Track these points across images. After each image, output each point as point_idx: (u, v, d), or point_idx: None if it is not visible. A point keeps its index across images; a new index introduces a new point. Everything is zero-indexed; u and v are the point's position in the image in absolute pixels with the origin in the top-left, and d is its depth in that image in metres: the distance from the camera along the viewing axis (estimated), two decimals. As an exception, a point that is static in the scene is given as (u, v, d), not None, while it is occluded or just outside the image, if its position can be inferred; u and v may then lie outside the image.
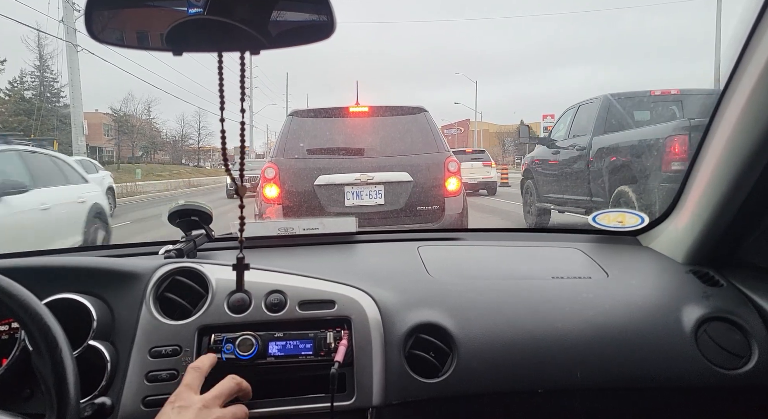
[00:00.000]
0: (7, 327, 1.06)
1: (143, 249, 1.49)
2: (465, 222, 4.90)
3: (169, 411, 0.83)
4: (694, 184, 1.28)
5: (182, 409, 0.82)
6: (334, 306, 1.10)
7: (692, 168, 1.28)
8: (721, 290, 1.22)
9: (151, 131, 45.34)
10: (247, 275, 0.85)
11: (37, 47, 34.17)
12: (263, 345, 1.05)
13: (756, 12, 1.01)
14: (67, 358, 0.79)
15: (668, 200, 1.42)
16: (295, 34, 0.71)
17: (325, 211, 4.57)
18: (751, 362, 1.10)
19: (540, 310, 1.16)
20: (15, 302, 0.80)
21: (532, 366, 1.09)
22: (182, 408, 0.83)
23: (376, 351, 1.06)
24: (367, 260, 1.49)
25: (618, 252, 1.48)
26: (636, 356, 1.10)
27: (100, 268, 1.13)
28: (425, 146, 4.81)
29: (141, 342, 1.04)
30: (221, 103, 0.73)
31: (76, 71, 17.34)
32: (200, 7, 0.66)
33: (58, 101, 34.57)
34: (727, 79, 1.10)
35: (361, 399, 1.03)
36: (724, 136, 1.14)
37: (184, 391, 0.86)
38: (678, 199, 1.37)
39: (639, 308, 1.17)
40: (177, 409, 0.82)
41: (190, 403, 0.84)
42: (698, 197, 1.26)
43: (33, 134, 20.69)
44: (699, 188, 1.26)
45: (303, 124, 4.93)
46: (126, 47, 0.73)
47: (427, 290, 1.22)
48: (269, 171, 4.64)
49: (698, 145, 1.25)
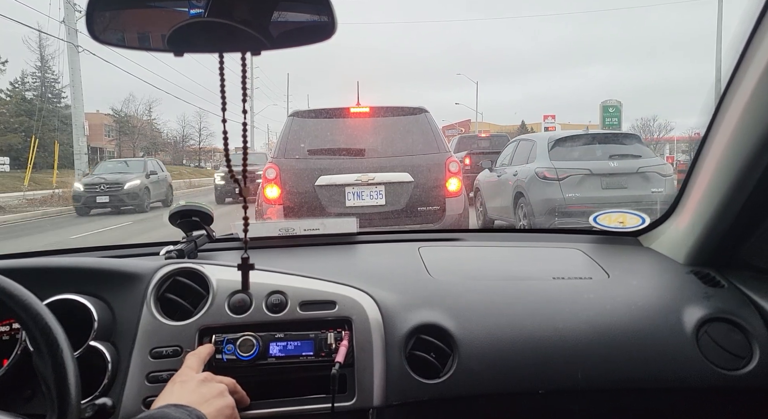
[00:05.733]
0: (8, 328, 1.06)
1: (144, 250, 1.49)
2: (466, 223, 4.90)
3: (171, 386, 0.90)
4: (695, 184, 1.28)
5: (184, 383, 0.90)
6: (334, 307, 1.10)
7: (693, 169, 1.28)
8: (722, 290, 1.22)
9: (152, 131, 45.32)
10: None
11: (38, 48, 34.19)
12: (264, 346, 1.05)
13: (757, 12, 1.00)
14: (68, 359, 0.79)
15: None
16: (296, 35, 0.71)
17: (326, 211, 4.57)
18: (752, 363, 1.09)
19: (541, 311, 1.16)
20: (16, 302, 0.80)
21: (533, 366, 1.09)
22: (184, 382, 0.90)
23: (377, 352, 1.06)
24: (368, 261, 1.49)
25: (619, 253, 1.48)
26: (637, 356, 1.10)
27: (101, 269, 1.13)
28: (426, 147, 4.81)
29: (142, 342, 1.04)
30: (223, 104, 0.73)
31: (78, 72, 17.35)
32: (201, 8, 0.66)
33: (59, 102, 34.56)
34: (729, 80, 1.10)
35: (361, 399, 1.03)
36: (725, 136, 1.13)
37: (186, 370, 0.94)
38: (679, 199, 1.37)
39: (640, 309, 1.17)
40: (179, 383, 0.90)
41: (191, 378, 0.91)
42: (699, 197, 1.26)
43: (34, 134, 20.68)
44: (700, 189, 1.26)
45: (304, 124, 4.93)
46: (127, 48, 0.73)
47: (428, 290, 1.22)
48: (270, 172, 4.64)
49: (699, 145, 1.25)
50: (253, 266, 0.86)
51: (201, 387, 0.89)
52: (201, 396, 0.87)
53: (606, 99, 22.65)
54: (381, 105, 5.00)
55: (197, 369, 0.95)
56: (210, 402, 0.87)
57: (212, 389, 0.90)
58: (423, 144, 4.82)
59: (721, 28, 17.93)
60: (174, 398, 0.85)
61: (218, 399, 0.89)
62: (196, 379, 0.91)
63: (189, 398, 0.85)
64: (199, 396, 0.86)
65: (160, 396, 0.88)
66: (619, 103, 22.69)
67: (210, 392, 0.89)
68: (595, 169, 6.65)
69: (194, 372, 0.94)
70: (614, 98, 22.79)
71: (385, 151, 4.82)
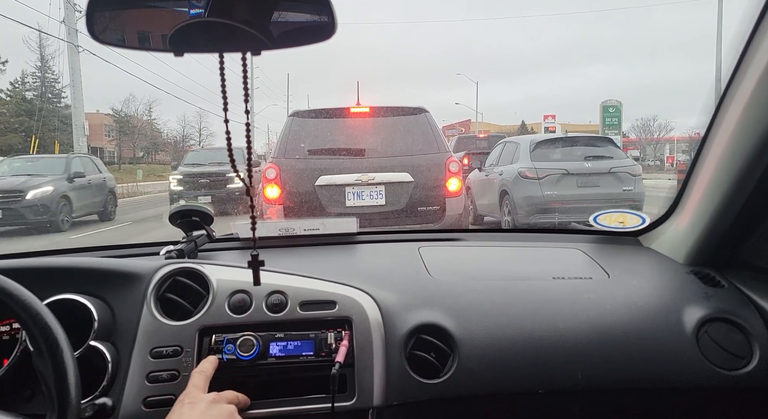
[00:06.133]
0: (8, 328, 1.06)
1: (144, 250, 1.49)
2: (466, 223, 4.90)
3: (180, 407, 0.88)
4: (696, 184, 1.28)
5: (193, 404, 0.88)
6: (335, 307, 1.10)
7: (693, 168, 1.28)
8: (722, 290, 1.22)
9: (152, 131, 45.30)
10: (247, 275, 0.85)
11: (38, 48, 34.21)
12: (264, 346, 1.05)
13: (757, 12, 1.00)
14: (68, 359, 0.79)
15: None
16: (296, 35, 0.71)
17: (326, 211, 4.57)
18: (752, 363, 1.09)
19: (541, 311, 1.16)
20: (16, 302, 0.80)
21: (533, 366, 1.09)
22: (192, 403, 0.88)
23: (377, 352, 1.06)
24: (368, 261, 1.49)
25: (619, 253, 1.48)
26: (637, 356, 1.10)
27: (101, 269, 1.13)
28: (426, 147, 4.81)
29: (142, 342, 1.04)
30: (224, 104, 0.73)
31: (78, 72, 17.34)
32: (201, 8, 0.66)
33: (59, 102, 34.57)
34: (729, 80, 1.10)
35: (361, 399, 1.03)
36: (725, 136, 1.13)
37: (193, 390, 0.92)
38: (679, 199, 1.37)
39: (640, 309, 1.17)
40: (188, 405, 0.88)
41: (199, 399, 0.89)
42: (699, 197, 1.26)
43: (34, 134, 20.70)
44: (700, 189, 1.26)
45: (304, 124, 4.94)
46: (127, 48, 0.73)
47: (428, 290, 1.22)
48: (270, 172, 4.65)
49: (699, 145, 1.25)
50: (263, 262, 0.87)
51: (210, 409, 0.87)
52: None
53: (606, 99, 22.65)
54: (381, 105, 5.00)
55: (204, 387, 0.93)
56: None
57: (222, 411, 0.88)
58: (423, 144, 4.83)
59: (721, 28, 17.93)
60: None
61: None
62: (205, 401, 0.89)
63: None
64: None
65: (168, 418, 0.87)
66: (619, 104, 22.70)
67: (219, 414, 0.87)
68: (571, 169, 7.27)
69: (201, 391, 0.92)
70: (614, 98, 22.79)
71: (385, 151, 4.83)
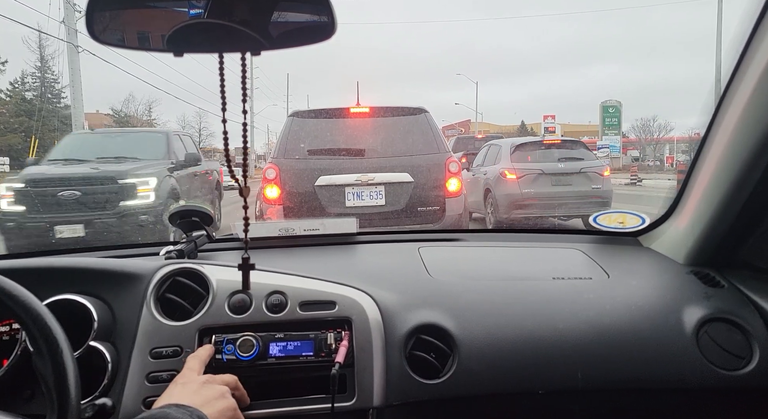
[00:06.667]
0: (8, 328, 1.06)
1: (144, 250, 1.49)
2: (466, 223, 4.90)
3: (173, 387, 0.91)
4: (695, 185, 1.28)
5: (185, 384, 0.90)
6: (334, 307, 1.10)
7: (693, 169, 1.28)
8: (722, 291, 1.22)
9: (152, 131, 45.33)
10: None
11: (38, 48, 34.18)
12: (264, 346, 1.05)
13: (757, 12, 1.00)
14: (68, 359, 0.79)
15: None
16: (296, 35, 0.71)
17: (326, 212, 4.57)
18: (752, 363, 1.09)
19: (541, 311, 1.16)
20: (16, 303, 0.80)
21: (532, 366, 1.09)
22: (185, 384, 0.91)
23: (377, 352, 1.06)
24: (368, 261, 1.49)
25: (619, 253, 1.48)
26: (637, 357, 1.10)
27: (100, 269, 1.13)
28: (426, 147, 4.81)
29: (142, 342, 1.04)
30: (223, 104, 0.73)
31: (77, 72, 17.30)
32: (201, 8, 0.66)
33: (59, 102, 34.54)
34: (729, 80, 1.10)
35: (361, 400, 1.03)
36: (725, 136, 1.13)
37: (187, 372, 0.95)
38: (679, 200, 1.37)
39: (640, 309, 1.17)
40: (181, 385, 0.90)
41: (192, 380, 0.92)
42: (699, 197, 1.26)
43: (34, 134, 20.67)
44: (700, 189, 1.26)
45: (304, 125, 4.94)
46: (127, 48, 0.73)
47: (428, 290, 1.22)
48: (270, 172, 4.64)
49: (699, 145, 1.25)
50: (254, 266, 0.87)
51: (203, 389, 0.89)
52: (203, 398, 0.87)
53: (606, 99, 22.72)
54: (381, 105, 5.00)
55: (198, 370, 0.95)
56: (212, 403, 0.87)
57: (214, 390, 0.90)
58: (423, 144, 4.82)
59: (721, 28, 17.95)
60: (175, 399, 0.85)
61: (220, 401, 0.89)
62: (198, 381, 0.91)
63: (191, 399, 0.85)
64: (200, 398, 0.87)
65: (161, 397, 0.88)
66: (619, 104, 22.73)
67: (212, 393, 0.89)
68: (546, 169, 7.96)
69: (196, 373, 0.94)
70: (614, 98, 22.87)
71: (384, 151, 4.82)
